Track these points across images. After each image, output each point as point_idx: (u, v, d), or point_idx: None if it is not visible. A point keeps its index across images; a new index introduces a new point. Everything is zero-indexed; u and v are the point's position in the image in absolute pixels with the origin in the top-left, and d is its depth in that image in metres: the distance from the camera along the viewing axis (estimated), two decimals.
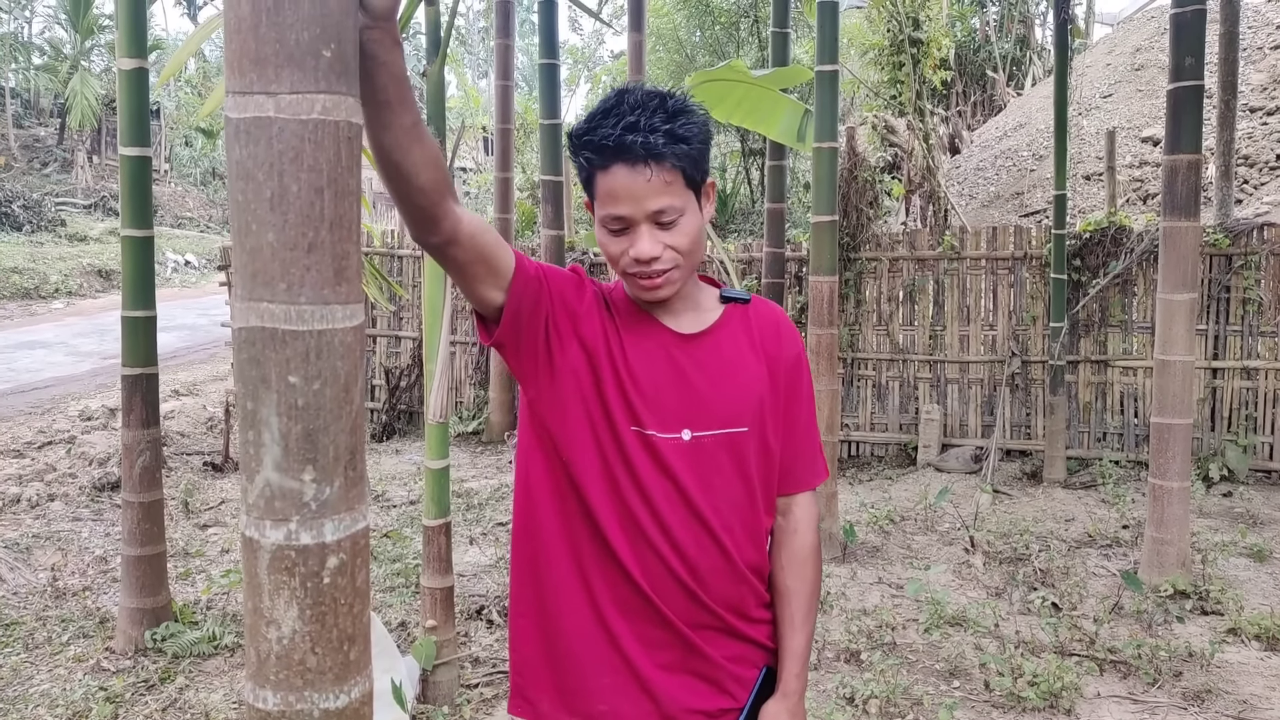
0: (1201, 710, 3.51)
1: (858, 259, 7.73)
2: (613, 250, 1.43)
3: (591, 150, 1.39)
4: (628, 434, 1.44)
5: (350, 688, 1.12)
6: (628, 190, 1.38)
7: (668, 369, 1.47)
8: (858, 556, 5.28)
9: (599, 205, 1.42)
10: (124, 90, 3.95)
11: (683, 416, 1.46)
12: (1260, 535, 5.55)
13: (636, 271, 1.42)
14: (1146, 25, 15.08)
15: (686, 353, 1.49)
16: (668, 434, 1.45)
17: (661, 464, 1.45)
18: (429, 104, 3.38)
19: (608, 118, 1.38)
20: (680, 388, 1.47)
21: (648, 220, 1.40)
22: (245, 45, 1.03)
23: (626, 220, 1.40)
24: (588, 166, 1.41)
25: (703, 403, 1.47)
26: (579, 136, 1.41)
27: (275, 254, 1.04)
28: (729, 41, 18.95)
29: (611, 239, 1.43)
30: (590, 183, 1.43)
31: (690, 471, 1.45)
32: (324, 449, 1.07)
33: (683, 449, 1.45)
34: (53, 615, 4.39)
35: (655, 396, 1.46)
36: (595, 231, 1.46)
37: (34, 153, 28.86)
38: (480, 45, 39.13)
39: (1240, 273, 6.91)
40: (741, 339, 1.54)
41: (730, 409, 1.49)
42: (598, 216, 1.43)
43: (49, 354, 12.24)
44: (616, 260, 1.44)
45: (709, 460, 1.47)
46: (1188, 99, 4.55)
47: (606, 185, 1.40)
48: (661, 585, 1.46)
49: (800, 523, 1.59)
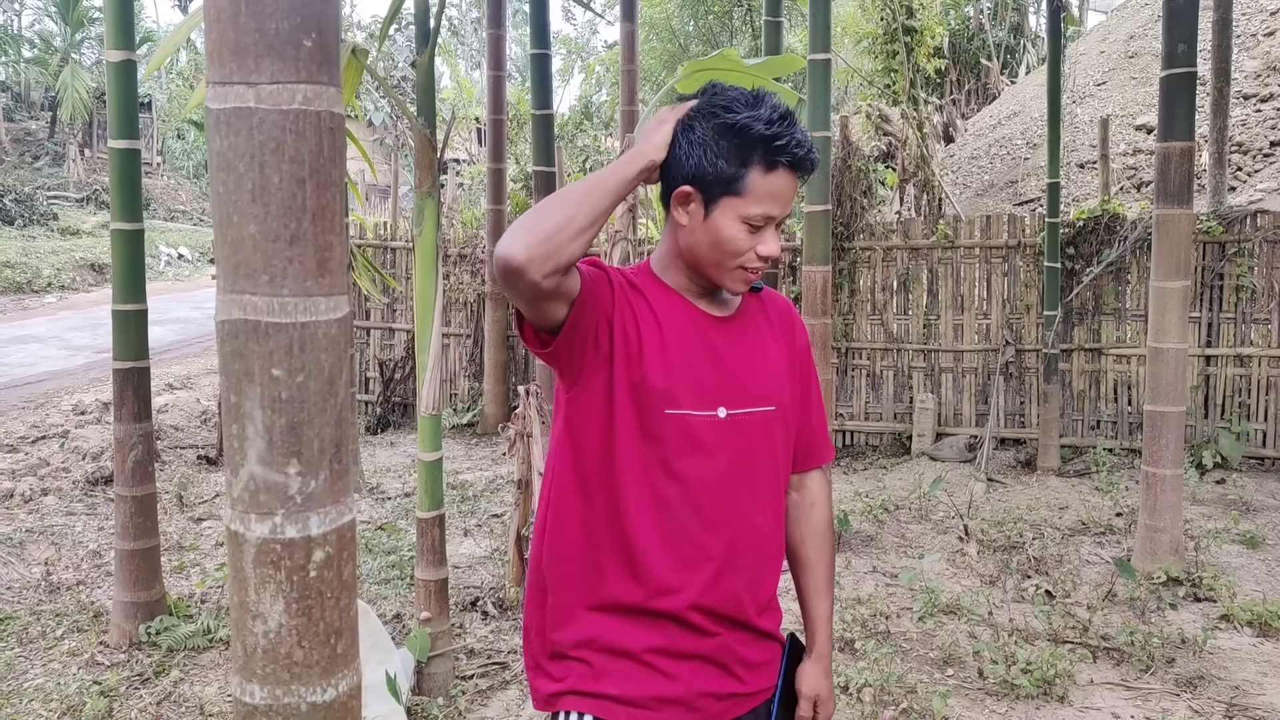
0: (1194, 696, 3.52)
1: (852, 248, 7.72)
2: (743, 246, 1.46)
3: (781, 154, 1.43)
4: (663, 418, 1.47)
5: (338, 681, 1.11)
6: (786, 195, 1.46)
7: (703, 348, 1.52)
8: (852, 545, 5.29)
9: (749, 203, 1.44)
10: (113, 83, 3.92)
11: (718, 394, 1.51)
12: (1253, 522, 5.57)
13: (755, 267, 1.49)
14: (1140, 12, 15.06)
15: (720, 333, 1.54)
16: (704, 411, 1.49)
17: (697, 442, 1.49)
18: (419, 95, 3.36)
19: (790, 126, 1.43)
20: (715, 366, 1.51)
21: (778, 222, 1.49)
22: (225, 35, 1.02)
23: (771, 219, 1.47)
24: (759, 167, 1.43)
25: (737, 381, 1.52)
26: (766, 139, 1.42)
27: (257, 245, 1.03)
28: (722, 30, 18.91)
29: (747, 235, 1.46)
30: (739, 179, 1.43)
31: (725, 448, 1.51)
32: (309, 442, 1.07)
33: (719, 426, 1.50)
34: (46, 610, 4.38)
35: (692, 374, 1.49)
36: (717, 225, 1.45)
37: (25, 146, 28.72)
38: (473, 36, 38.98)
39: (1233, 260, 6.92)
40: (763, 324, 1.62)
41: (761, 388, 1.55)
42: (740, 214, 1.44)
43: (42, 348, 12.20)
44: (740, 255, 1.47)
45: (742, 437, 1.52)
46: (1181, 86, 4.55)
47: (771, 187, 1.44)
48: (685, 569, 1.49)
49: (818, 497, 1.70)
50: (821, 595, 1.67)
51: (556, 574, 1.54)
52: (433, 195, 3.27)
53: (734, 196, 1.44)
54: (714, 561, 1.50)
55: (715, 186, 1.45)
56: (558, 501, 1.54)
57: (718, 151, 1.44)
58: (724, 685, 1.53)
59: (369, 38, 22.20)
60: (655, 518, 1.48)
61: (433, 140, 3.25)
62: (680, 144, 1.47)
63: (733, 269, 1.49)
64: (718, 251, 1.47)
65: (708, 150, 1.44)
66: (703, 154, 1.45)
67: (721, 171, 1.44)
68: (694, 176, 1.45)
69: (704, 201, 1.46)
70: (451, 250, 8.62)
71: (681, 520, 1.49)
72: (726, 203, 1.45)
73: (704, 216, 1.47)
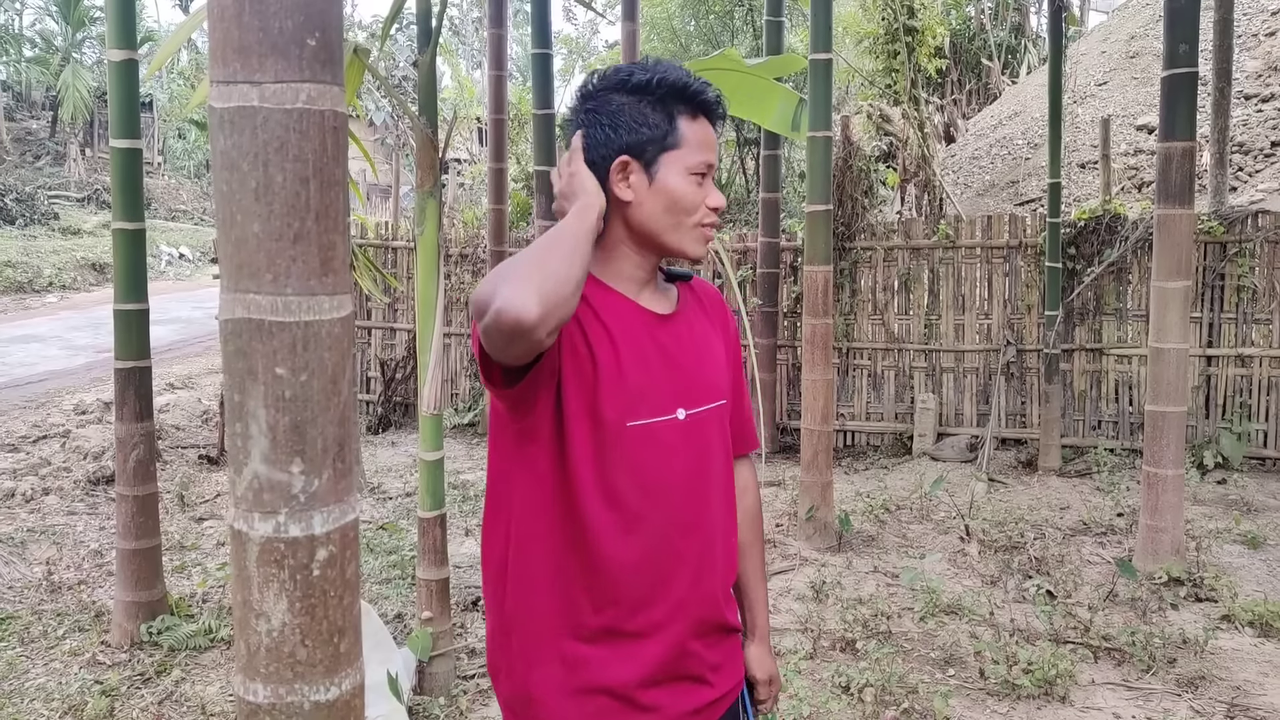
0: (1195, 696, 3.52)
1: (853, 248, 7.72)
2: (694, 199, 1.46)
3: (696, 102, 1.45)
4: (625, 431, 1.43)
5: (341, 680, 1.12)
6: (713, 142, 1.48)
7: (655, 351, 1.48)
8: (853, 545, 5.29)
9: (689, 153, 1.45)
10: (114, 82, 3.93)
11: (676, 396, 1.48)
12: (1254, 522, 5.57)
13: (711, 221, 1.49)
14: (1141, 12, 15.05)
15: (667, 332, 1.51)
16: (665, 416, 1.46)
17: (662, 447, 1.45)
18: (421, 95, 3.37)
19: (696, 78, 1.45)
20: (669, 368, 1.49)
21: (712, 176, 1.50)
22: (229, 34, 1.02)
23: (711, 168, 1.48)
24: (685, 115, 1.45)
25: (690, 380, 1.50)
26: (682, 87, 1.44)
27: (261, 244, 1.03)
28: (723, 30, 18.90)
29: (695, 188, 1.46)
30: (671, 132, 1.44)
31: (688, 448, 1.48)
32: (312, 441, 1.07)
33: (679, 427, 1.48)
34: (48, 609, 4.38)
35: (649, 381, 1.46)
36: (665, 186, 1.44)
37: (26, 146, 28.74)
38: (474, 35, 38.99)
39: (1234, 260, 6.92)
40: (702, 316, 1.60)
41: (711, 383, 1.54)
42: (685, 164, 1.45)
43: (43, 348, 12.21)
44: (693, 211, 1.46)
45: (701, 434, 1.50)
46: (1182, 86, 4.55)
47: (699, 134, 1.46)
48: (663, 580, 1.46)
49: (749, 483, 1.71)
50: (759, 580, 1.70)
51: (523, 613, 1.46)
52: (434, 195, 3.28)
53: (672, 150, 1.44)
54: (690, 565, 1.48)
55: (651, 146, 1.44)
56: (519, 536, 1.46)
57: (641, 112, 1.44)
58: (701, 697, 1.51)
59: (370, 37, 22.21)
60: (628, 532, 1.43)
61: (434, 140, 3.25)
62: (598, 129, 1.45)
63: (691, 228, 1.47)
64: (673, 212, 1.45)
65: (631, 116, 1.43)
66: (629, 120, 1.43)
67: (654, 128, 1.43)
68: (627, 146, 1.43)
69: (644, 166, 1.44)
70: (453, 250, 8.63)
71: (658, 530, 1.45)
72: (667, 159, 1.44)
73: (649, 182, 1.44)
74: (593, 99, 1.47)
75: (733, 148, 19.19)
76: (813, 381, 5.30)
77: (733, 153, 19.40)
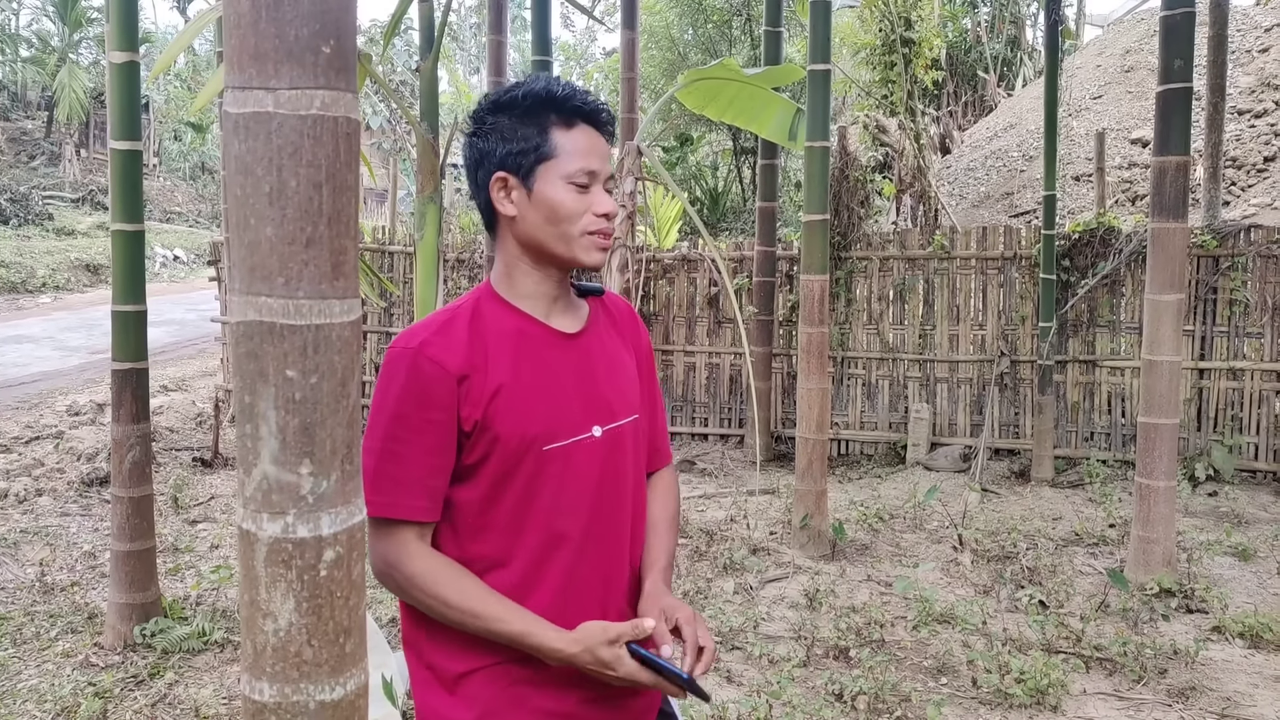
0: (1186, 707, 3.54)
1: (849, 258, 7.75)
2: (576, 208, 1.43)
3: (568, 110, 1.43)
4: (544, 456, 1.43)
5: (346, 680, 1.12)
6: (596, 149, 1.45)
7: (567, 372, 1.48)
8: (847, 554, 5.31)
9: (565, 162, 1.42)
10: (114, 83, 3.93)
11: (590, 414, 1.48)
12: (1245, 535, 5.60)
13: (598, 229, 1.45)
14: (1136, 27, 15.16)
15: (579, 351, 1.51)
16: (581, 435, 1.46)
17: (582, 467, 1.46)
18: (422, 100, 3.38)
19: (567, 85, 1.44)
20: (582, 387, 1.49)
21: (603, 183, 1.46)
22: (245, 41, 1.03)
23: (595, 175, 1.44)
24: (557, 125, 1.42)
25: (604, 397, 1.51)
26: (549, 97, 1.42)
27: (273, 248, 1.04)
28: (721, 40, 18.97)
29: (577, 197, 1.43)
30: (543, 144, 1.42)
31: (607, 465, 1.49)
32: (321, 442, 1.08)
33: (597, 445, 1.48)
34: (41, 610, 4.37)
35: (562, 403, 1.46)
36: (544, 197, 1.42)
37: (21, 146, 28.67)
38: (472, 41, 39.05)
39: (1227, 274, 6.97)
40: (611, 331, 1.60)
41: (624, 399, 1.54)
42: (562, 173, 1.42)
43: (36, 348, 12.17)
44: (577, 219, 1.43)
45: (617, 450, 1.51)
46: (1177, 101, 4.59)
47: (576, 142, 1.43)
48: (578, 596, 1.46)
49: (671, 486, 1.69)
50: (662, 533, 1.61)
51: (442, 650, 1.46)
52: (435, 200, 3.29)
53: (547, 160, 1.42)
54: (600, 579, 1.48)
55: (525, 158, 1.43)
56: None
57: (512, 127, 1.43)
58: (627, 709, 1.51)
59: (369, 42, 22.23)
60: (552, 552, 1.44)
61: (435, 145, 3.27)
62: (474, 150, 1.47)
63: (578, 237, 1.44)
64: (555, 222, 1.43)
65: (504, 131, 1.44)
66: (500, 136, 1.44)
67: (525, 140, 1.43)
68: (501, 161, 1.44)
69: (521, 180, 1.44)
70: (450, 255, 8.64)
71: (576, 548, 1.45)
72: (542, 170, 1.43)
73: (528, 195, 1.44)
74: (472, 123, 1.48)
75: (729, 157, 19.24)
76: (808, 390, 5.32)
77: (729, 161, 19.45)
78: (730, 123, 5.70)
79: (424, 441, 1.39)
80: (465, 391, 1.40)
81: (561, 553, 1.45)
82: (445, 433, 1.40)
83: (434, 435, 1.40)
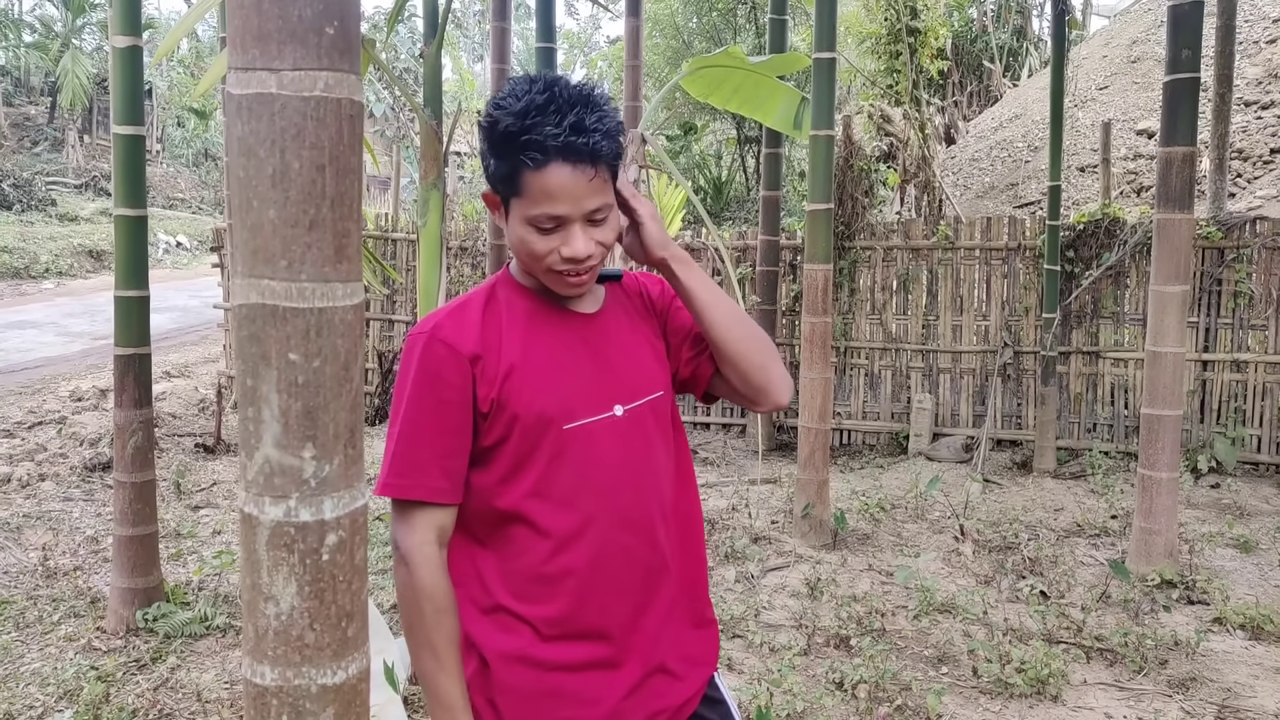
0: (1186, 698, 3.54)
1: (852, 248, 7.74)
2: (539, 249, 1.39)
3: (535, 150, 1.33)
4: (564, 436, 1.43)
5: (348, 664, 1.12)
6: (568, 190, 1.35)
7: (585, 351, 1.48)
8: (848, 544, 5.31)
9: (529, 204, 1.37)
10: (117, 68, 3.92)
11: (611, 393, 1.47)
12: (1247, 526, 5.60)
13: (566, 270, 1.40)
14: (1143, 18, 15.08)
15: (596, 331, 1.51)
16: (602, 414, 1.46)
17: (604, 446, 1.45)
18: (425, 86, 3.37)
19: (546, 115, 1.33)
20: (601, 366, 1.48)
21: (582, 219, 1.38)
22: (248, 21, 1.02)
23: (562, 220, 1.37)
24: (524, 165, 1.35)
25: (624, 375, 1.50)
26: (515, 134, 1.34)
27: (276, 231, 1.04)
28: (726, 28, 18.89)
29: (540, 237, 1.38)
30: (513, 179, 1.37)
31: (631, 443, 1.48)
32: (324, 426, 1.08)
33: (616, 425, 1.47)
34: (43, 595, 4.39)
35: (581, 382, 1.46)
36: (513, 228, 1.40)
37: (24, 131, 28.65)
38: (476, 28, 38.91)
39: (1232, 266, 6.94)
40: (630, 309, 1.59)
41: (647, 376, 1.53)
42: (524, 215, 1.38)
43: (39, 334, 12.19)
44: (541, 258, 1.40)
45: (641, 430, 1.50)
46: (1184, 91, 4.56)
47: (543, 184, 1.35)
48: (623, 578, 1.46)
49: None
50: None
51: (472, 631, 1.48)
52: (438, 186, 3.28)
53: (516, 198, 1.38)
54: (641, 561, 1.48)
55: (500, 187, 1.40)
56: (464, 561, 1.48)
57: (489, 152, 1.40)
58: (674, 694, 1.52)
59: (373, 29, 22.17)
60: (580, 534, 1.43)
61: (439, 131, 3.26)
62: (480, 147, 1.45)
63: (545, 271, 1.42)
64: (521, 254, 1.42)
65: (486, 155, 1.41)
66: (483, 156, 1.42)
67: (498, 171, 1.39)
68: (489, 178, 1.43)
69: (502, 204, 1.43)
70: (453, 243, 8.63)
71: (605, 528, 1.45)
72: (515, 205, 1.39)
73: (505, 219, 1.43)
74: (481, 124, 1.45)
75: (733, 145, 19.18)
76: (811, 380, 5.32)
77: (733, 150, 19.40)
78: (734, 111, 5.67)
79: (440, 423, 1.40)
80: (479, 372, 1.41)
81: (585, 538, 1.44)
82: (460, 413, 1.41)
83: (449, 416, 1.40)
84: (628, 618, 1.46)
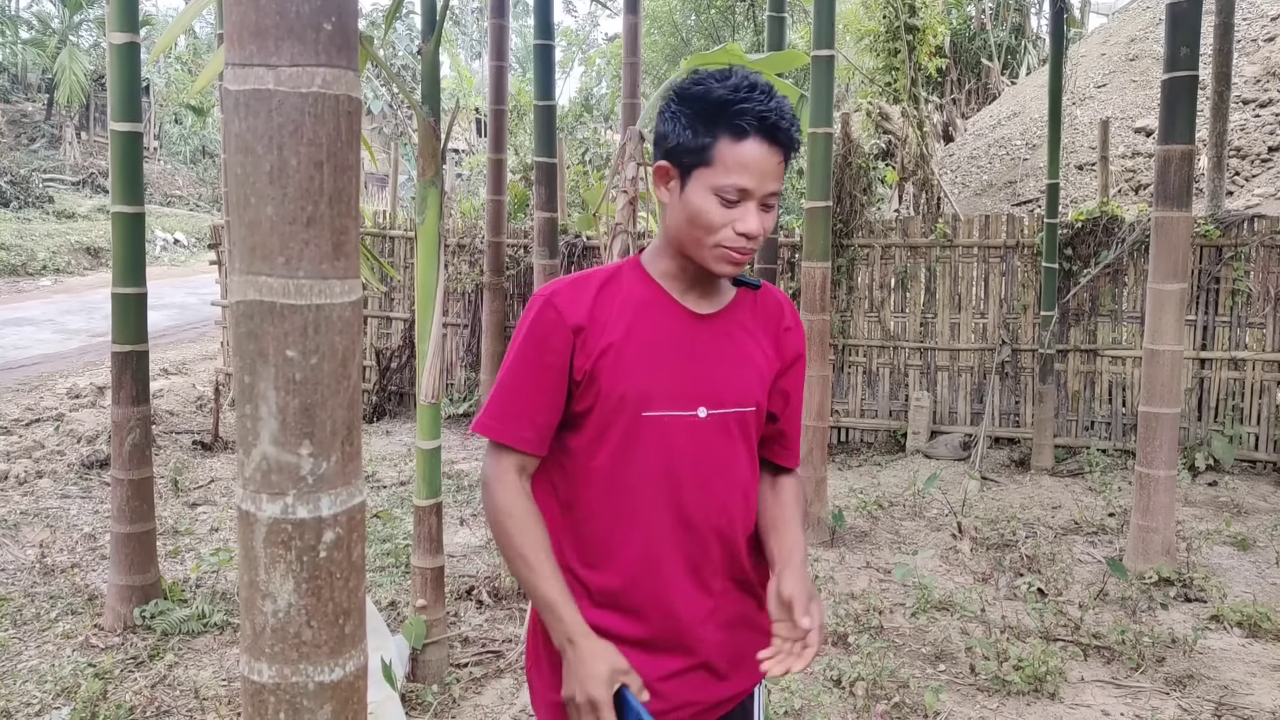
0: (1183, 695, 3.55)
1: (850, 245, 7.73)
2: (716, 220, 1.42)
3: (744, 120, 1.39)
4: (641, 421, 1.47)
5: (345, 661, 1.12)
6: (759, 165, 1.41)
7: (682, 347, 1.50)
8: (846, 541, 5.31)
9: (719, 173, 1.41)
10: (115, 65, 3.91)
11: (698, 394, 1.50)
12: (1244, 524, 5.60)
13: (736, 246, 1.44)
14: (1141, 15, 15.08)
15: (702, 332, 1.53)
16: (683, 411, 1.48)
17: (678, 442, 1.48)
18: (423, 83, 3.36)
19: (755, 93, 1.40)
20: (695, 365, 1.50)
21: (760, 200, 1.43)
22: (246, 17, 1.02)
23: (746, 194, 1.42)
24: (726, 135, 1.40)
25: (717, 380, 1.51)
26: (729, 104, 1.39)
27: (274, 227, 1.04)
28: (724, 25, 18.88)
29: (721, 209, 1.42)
30: (707, 149, 1.41)
31: (707, 447, 1.50)
32: (321, 423, 1.08)
33: (697, 425, 1.49)
34: (41, 592, 4.38)
35: (669, 375, 1.48)
36: (690, 199, 1.43)
37: (21, 128, 28.57)
38: (474, 25, 38.87)
39: (1230, 264, 6.95)
40: (751, 321, 1.59)
41: (743, 388, 1.54)
42: (712, 184, 1.41)
43: (36, 331, 12.17)
44: (715, 230, 1.43)
45: (723, 437, 1.52)
46: (1182, 89, 4.56)
47: (739, 156, 1.40)
48: (669, 573, 1.49)
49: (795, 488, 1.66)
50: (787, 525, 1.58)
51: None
52: (436, 183, 3.28)
53: (704, 167, 1.42)
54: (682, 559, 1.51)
55: (686, 158, 1.43)
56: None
57: (685, 122, 1.43)
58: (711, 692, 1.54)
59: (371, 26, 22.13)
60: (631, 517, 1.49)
61: (437, 128, 3.25)
62: (659, 124, 1.48)
63: (711, 247, 1.44)
64: (694, 227, 1.44)
65: (677, 122, 1.44)
66: (673, 127, 1.45)
67: (689, 141, 1.42)
68: (669, 151, 1.46)
69: (680, 176, 1.45)
70: (451, 240, 8.62)
71: (657, 521, 1.49)
72: (698, 174, 1.42)
73: (680, 192, 1.45)
74: (668, 98, 1.48)
75: None
76: (808, 377, 5.31)
77: None
78: None
79: (537, 382, 1.49)
80: (580, 342, 1.48)
81: (642, 522, 1.49)
82: (557, 376, 1.48)
83: (546, 378, 1.49)
84: (672, 611, 1.50)
